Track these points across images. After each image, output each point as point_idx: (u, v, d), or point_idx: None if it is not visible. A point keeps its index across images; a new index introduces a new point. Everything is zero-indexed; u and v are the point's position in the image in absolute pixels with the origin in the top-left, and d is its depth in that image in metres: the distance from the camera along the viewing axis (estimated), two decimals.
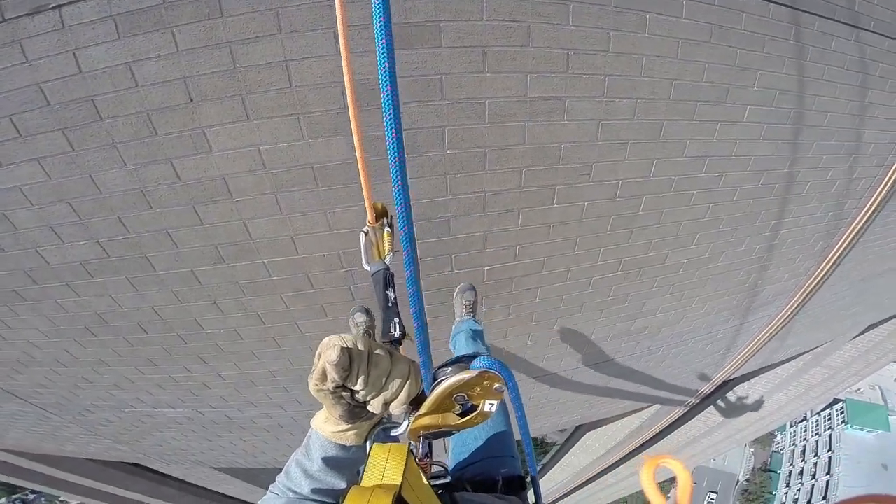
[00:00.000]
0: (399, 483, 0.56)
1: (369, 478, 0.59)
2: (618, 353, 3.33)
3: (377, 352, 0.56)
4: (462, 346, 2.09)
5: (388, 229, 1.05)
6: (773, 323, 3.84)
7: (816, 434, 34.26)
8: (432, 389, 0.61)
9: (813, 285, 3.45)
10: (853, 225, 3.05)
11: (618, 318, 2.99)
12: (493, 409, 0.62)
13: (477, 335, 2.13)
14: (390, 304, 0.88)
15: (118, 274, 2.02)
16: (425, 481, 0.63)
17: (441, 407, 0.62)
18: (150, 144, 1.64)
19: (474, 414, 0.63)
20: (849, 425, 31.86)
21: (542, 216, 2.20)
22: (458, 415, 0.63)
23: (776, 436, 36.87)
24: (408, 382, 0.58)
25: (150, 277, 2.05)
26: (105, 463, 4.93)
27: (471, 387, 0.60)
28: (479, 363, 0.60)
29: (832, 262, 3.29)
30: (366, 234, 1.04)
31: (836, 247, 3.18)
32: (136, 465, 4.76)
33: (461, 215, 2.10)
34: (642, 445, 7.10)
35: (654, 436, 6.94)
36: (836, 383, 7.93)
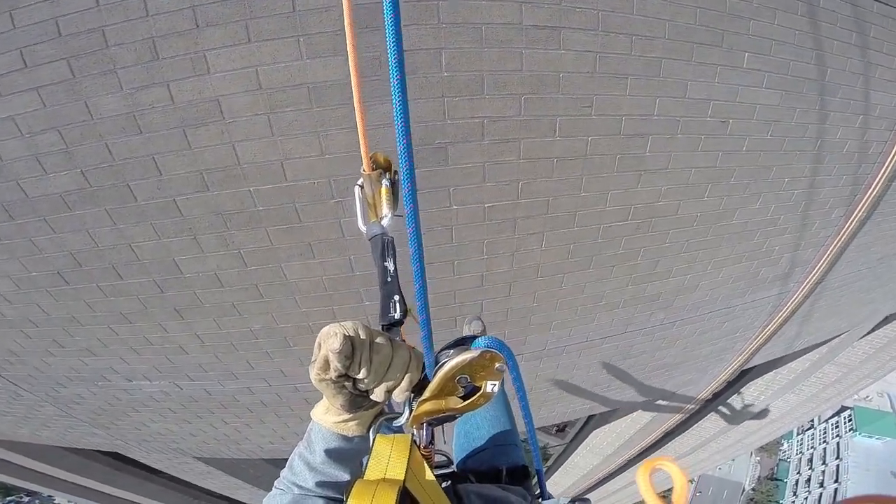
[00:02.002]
0: (403, 476, 0.55)
1: (373, 470, 0.57)
2: (630, 325, 3.09)
3: (378, 339, 0.55)
4: None
5: (388, 184, 0.89)
6: (791, 300, 3.63)
7: (824, 442, 33.54)
8: (435, 372, 0.60)
9: (830, 257, 3.27)
10: (868, 192, 2.93)
11: (630, 278, 2.76)
12: (495, 389, 0.61)
13: None
14: (389, 279, 0.77)
15: (97, 205, 1.93)
16: (429, 472, 0.61)
17: (444, 390, 0.60)
18: (150, 69, 1.65)
19: (477, 395, 0.61)
20: (857, 433, 31.16)
21: (545, 149, 2.08)
22: (461, 398, 0.62)
23: (783, 444, 36.16)
24: (409, 369, 0.57)
25: (130, 209, 1.95)
26: (89, 456, 4.72)
27: (473, 367, 0.59)
28: (480, 342, 0.60)
29: (849, 231, 3.13)
30: (361, 187, 0.90)
31: (853, 215, 3.04)
32: (120, 458, 4.54)
33: (459, 142, 1.98)
34: (652, 445, 6.85)
35: (665, 435, 6.67)
36: (848, 384, 7.71)
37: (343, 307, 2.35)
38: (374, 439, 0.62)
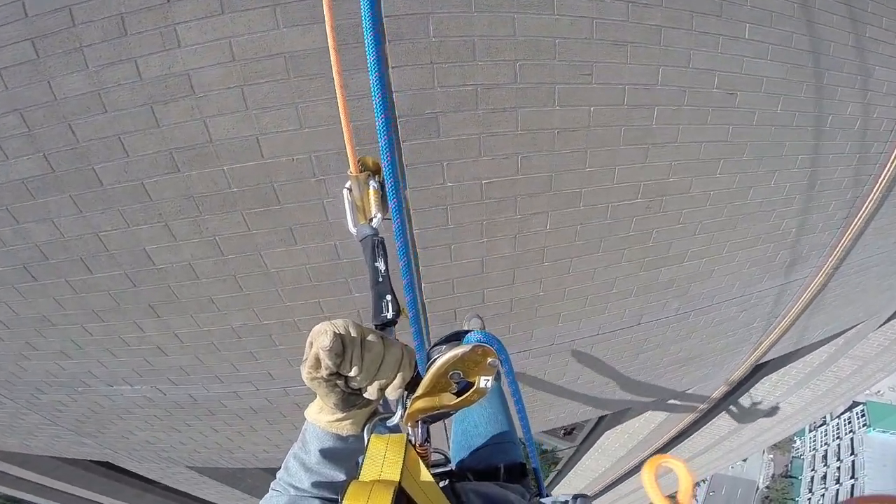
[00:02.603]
0: (398, 477, 0.54)
1: (368, 471, 0.56)
2: (643, 316, 2.85)
3: (370, 337, 0.53)
4: None
5: (376, 186, 0.91)
6: (808, 287, 3.39)
7: (837, 438, 32.80)
8: (427, 368, 0.59)
9: (847, 240, 3.10)
10: (883, 172, 2.79)
11: (642, 263, 2.52)
12: (489, 384, 0.60)
13: None
14: (380, 279, 0.78)
15: (62, 191, 1.79)
16: (425, 470, 0.60)
17: (437, 387, 0.60)
18: (117, 45, 1.55)
19: (470, 391, 0.61)
20: (871, 428, 30.39)
21: (544, 119, 1.90)
22: (455, 394, 0.61)
23: (795, 441, 35.45)
24: (402, 366, 0.56)
25: (95, 194, 1.80)
26: (85, 467, 4.54)
27: (465, 363, 0.58)
28: (472, 337, 0.59)
29: (865, 214, 2.97)
30: (349, 190, 0.91)
31: (868, 197, 2.89)
32: (115, 468, 4.38)
33: (451, 111, 1.81)
34: (665, 446, 6.59)
35: (678, 434, 6.41)
36: (863, 378, 7.46)
37: (330, 299, 2.14)
38: (368, 439, 0.61)
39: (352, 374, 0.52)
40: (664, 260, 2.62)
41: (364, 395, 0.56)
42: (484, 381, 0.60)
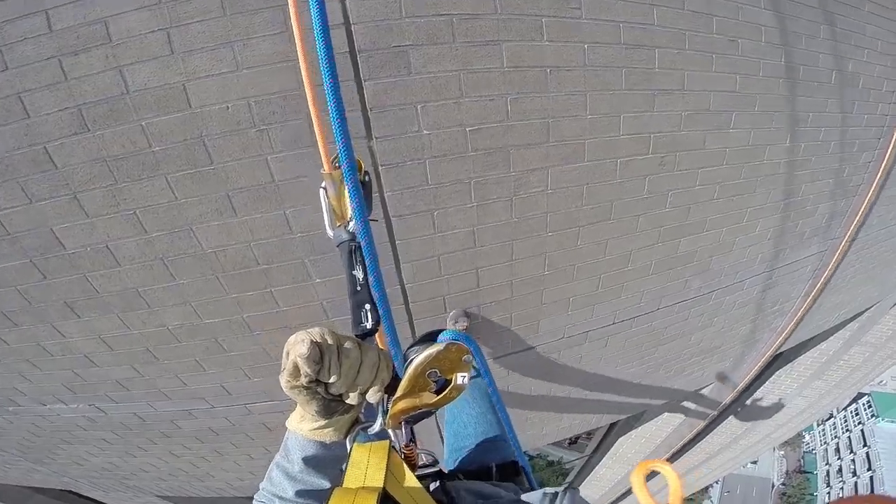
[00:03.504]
0: (382, 482, 0.54)
1: (352, 478, 0.55)
2: (663, 298, 2.39)
3: (346, 344, 0.52)
4: None
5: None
6: (829, 263, 3.08)
7: (847, 430, 31.97)
8: (405, 369, 0.59)
9: (864, 209, 2.87)
10: (893, 135, 2.64)
11: (660, 232, 2.09)
12: (466, 381, 0.60)
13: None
14: (359, 287, 0.74)
15: None
16: (411, 474, 0.59)
17: (416, 387, 0.59)
18: None
19: (449, 389, 0.60)
20: (880, 418, 29.53)
21: (534, 55, 1.56)
22: (434, 392, 0.60)
23: (804, 436, 34.66)
24: (379, 369, 0.56)
25: None
26: (58, 496, 4.02)
27: (441, 361, 0.59)
28: (445, 336, 0.62)
29: (878, 181, 2.78)
30: (325, 190, 0.87)
31: (883, 160, 2.70)
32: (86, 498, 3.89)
33: (424, 44, 1.45)
34: (681, 448, 6.11)
35: (696, 435, 5.96)
36: (874, 366, 7.02)
37: (285, 287, 1.69)
38: (350, 448, 0.59)
39: (331, 380, 0.51)
40: (683, 229, 2.20)
41: (345, 401, 0.55)
42: (461, 378, 0.60)
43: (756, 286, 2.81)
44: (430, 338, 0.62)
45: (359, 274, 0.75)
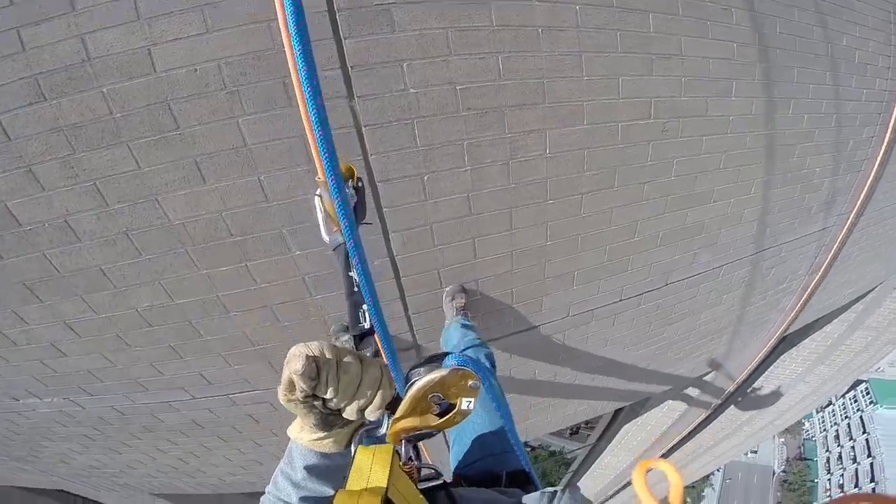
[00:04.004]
0: (385, 485, 0.51)
1: (354, 482, 0.52)
2: (671, 273, 2.22)
3: (346, 359, 0.50)
4: (453, 339, 1.73)
5: (352, 192, 0.88)
6: (836, 240, 2.96)
7: (846, 417, 31.87)
8: (405, 392, 0.55)
9: (869, 184, 2.79)
10: (892, 114, 2.57)
11: (666, 202, 1.93)
12: (471, 406, 0.56)
13: (469, 327, 1.78)
14: (356, 289, 0.74)
15: None
16: (412, 484, 0.56)
17: (418, 408, 0.56)
18: None
19: (453, 413, 0.56)
20: (878, 405, 29.33)
21: (523, 13, 1.43)
22: (437, 415, 0.57)
23: (804, 423, 34.55)
24: (380, 388, 0.53)
25: None
26: (58, 497, 3.87)
27: (445, 385, 0.54)
28: (450, 361, 0.55)
29: (881, 155, 2.69)
30: (320, 197, 0.87)
31: (884, 136, 2.63)
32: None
33: (410, 2, 1.32)
34: (689, 435, 5.96)
35: (701, 423, 5.81)
36: (876, 350, 6.91)
37: (262, 262, 1.52)
38: (355, 451, 0.56)
39: (328, 396, 0.49)
40: (690, 199, 2.05)
41: (343, 415, 0.52)
42: (466, 403, 0.55)
43: (764, 262, 2.66)
44: (437, 359, 0.56)
45: (356, 276, 0.73)
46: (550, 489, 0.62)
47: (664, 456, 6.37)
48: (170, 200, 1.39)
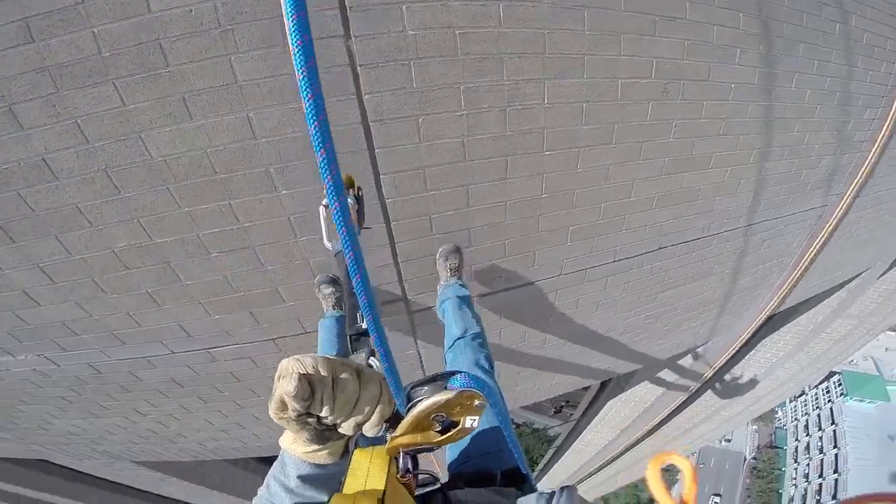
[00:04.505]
0: (383, 489, 0.51)
1: (351, 484, 0.53)
2: (665, 238, 2.18)
3: (343, 375, 0.46)
4: (451, 317, 1.70)
5: (351, 201, 0.92)
6: (830, 217, 2.97)
7: (817, 408, 32.89)
8: (408, 411, 0.52)
9: (867, 168, 2.80)
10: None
11: (664, 163, 1.90)
12: (475, 424, 0.55)
13: (464, 302, 1.76)
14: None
15: None
16: (407, 493, 0.57)
17: (419, 427, 0.53)
18: None
19: (455, 430, 0.55)
20: (848, 397, 30.21)
21: None
22: (438, 431, 0.55)
23: (777, 411, 35.59)
24: (379, 405, 0.50)
25: None
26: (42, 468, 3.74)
27: (450, 406, 0.52)
28: (456, 382, 0.52)
29: (882, 137, 2.69)
30: (326, 207, 0.89)
31: (886, 119, 2.63)
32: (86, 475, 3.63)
33: None
34: (668, 416, 6.06)
35: (682, 403, 5.90)
36: (854, 340, 7.12)
37: (246, 200, 1.43)
38: (352, 452, 0.57)
39: (322, 414, 0.46)
40: (687, 162, 2.02)
41: (339, 430, 0.50)
42: (470, 422, 0.53)
43: (757, 235, 2.67)
44: (441, 378, 0.53)
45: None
46: (547, 490, 0.60)
47: (646, 435, 6.49)
48: (153, 138, 1.32)
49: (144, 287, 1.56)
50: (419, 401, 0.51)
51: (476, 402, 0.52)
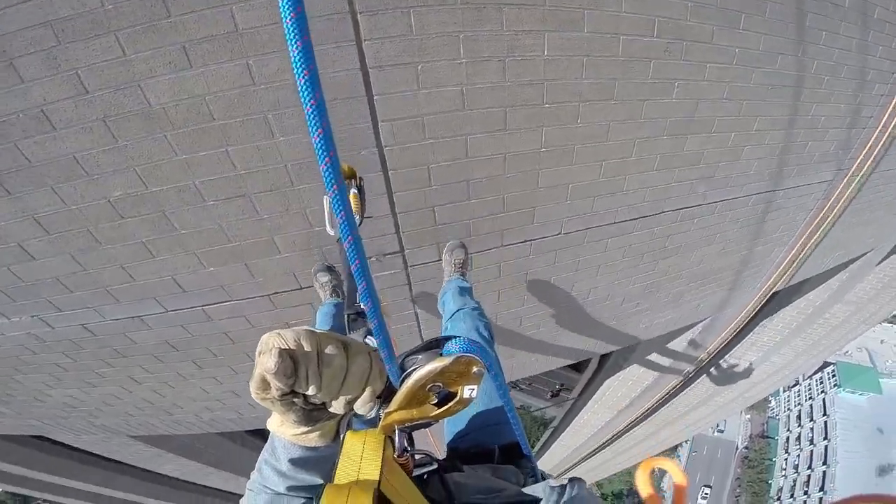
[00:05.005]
0: (378, 478, 0.47)
1: (344, 472, 0.49)
2: (666, 202, 2.19)
3: (328, 349, 0.42)
4: (450, 299, 1.72)
5: (354, 191, 0.96)
6: (833, 195, 2.96)
7: (810, 398, 33.30)
8: (401, 382, 0.49)
9: (871, 141, 2.75)
10: None
11: (666, 123, 1.90)
12: (473, 394, 0.51)
13: (465, 291, 1.76)
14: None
15: None
16: (405, 475, 0.53)
17: (415, 400, 0.50)
18: None
19: (453, 402, 0.51)
20: (841, 388, 30.55)
21: None
22: (435, 404, 0.52)
23: (770, 401, 35.99)
24: (370, 378, 0.47)
25: None
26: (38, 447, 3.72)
27: (446, 374, 0.48)
28: (453, 347, 0.49)
29: (890, 114, 2.63)
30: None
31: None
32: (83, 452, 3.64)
33: None
34: (668, 397, 6.09)
35: (679, 384, 5.94)
36: (852, 327, 7.16)
37: (243, 147, 1.42)
38: (343, 436, 0.52)
39: (309, 392, 0.42)
40: (690, 124, 2.01)
41: (329, 409, 0.47)
42: (468, 391, 0.50)
43: (760, 206, 2.67)
44: (436, 345, 0.50)
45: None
46: (556, 483, 0.57)
47: (642, 418, 6.56)
48: (152, 86, 1.30)
49: (139, 237, 1.55)
50: (413, 370, 0.48)
51: (474, 370, 0.49)
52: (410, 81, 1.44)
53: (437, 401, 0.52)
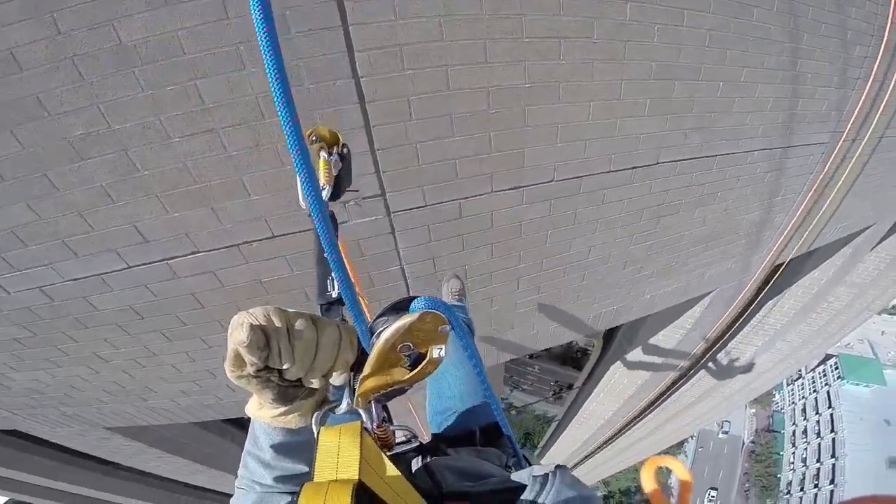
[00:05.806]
0: (357, 474, 0.45)
1: (322, 470, 0.47)
2: (662, 149, 2.16)
3: (297, 323, 0.45)
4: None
5: (326, 157, 0.89)
6: (830, 158, 2.99)
7: (814, 391, 33.51)
8: (372, 344, 0.52)
9: (862, 107, 2.80)
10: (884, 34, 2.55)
11: (651, 67, 1.89)
12: (442, 354, 0.53)
13: (459, 308, 1.80)
14: (325, 256, 0.67)
15: None
16: (390, 465, 0.50)
17: (387, 362, 0.53)
18: None
19: (424, 363, 0.54)
20: (845, 381, 30.80)
21: None
22: (407, 368, 0.55)
23: (774, 395, 36.26)
24: (341, 348, 0.49)
25: None
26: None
27: (414, 333, 0.51)
28: (418, 304, 0.51)
29: (874, 75, 2.67)
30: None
31: (877, 57, 2.63)
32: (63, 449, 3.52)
33: None
34: (673, 386, 6.07)
35: (686, 372, 5.91)
36: (855, 313, 7.19)
37: (214, 79, 1.35)
38: (317, 434, 0.51)
39: (283, 367, 0.45)
40: (675, 70, 1.99)
41: (305, 385, 0.49)
42: (437, 351, 0.53)
43: (759, 164, 2.65)
44: (401, 307, 0.52)
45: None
46: (540, 471, 0.58)
47: (647, 409, 6.52)
48: (125, 24, 1.25)
49: (99, 180, 1.47)
50: (382, 330, 0.50)
51: (440, 327, 0.51)
52: (387, 10, 1.40)
53: (409, 364, 0.53)
